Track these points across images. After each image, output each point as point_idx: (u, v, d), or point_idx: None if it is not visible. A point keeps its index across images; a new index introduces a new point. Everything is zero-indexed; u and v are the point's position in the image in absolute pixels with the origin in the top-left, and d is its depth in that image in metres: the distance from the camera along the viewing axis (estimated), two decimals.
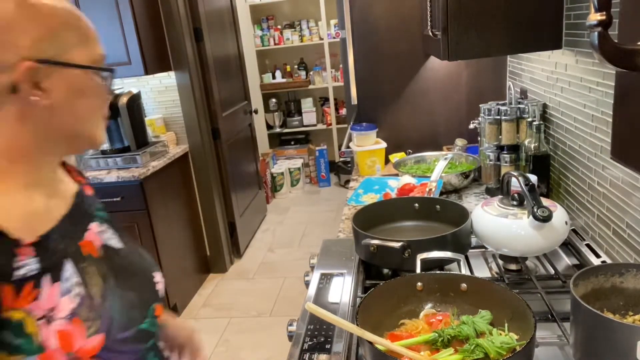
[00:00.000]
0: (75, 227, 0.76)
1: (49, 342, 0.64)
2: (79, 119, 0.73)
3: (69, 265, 0.70)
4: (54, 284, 0.67)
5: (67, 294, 0.68)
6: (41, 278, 0.65)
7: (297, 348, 1.00)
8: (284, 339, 1.11)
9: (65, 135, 0.72)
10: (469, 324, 0.88)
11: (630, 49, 0.62)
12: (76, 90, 0.71)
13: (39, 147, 0.71)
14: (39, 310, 0.64)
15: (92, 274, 0.73)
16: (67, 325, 0.66)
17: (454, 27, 1.38)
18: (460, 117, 2.25)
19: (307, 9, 5.02)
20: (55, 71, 0.68)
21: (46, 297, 0.65)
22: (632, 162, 0.73)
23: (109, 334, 0.69)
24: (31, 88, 0.66)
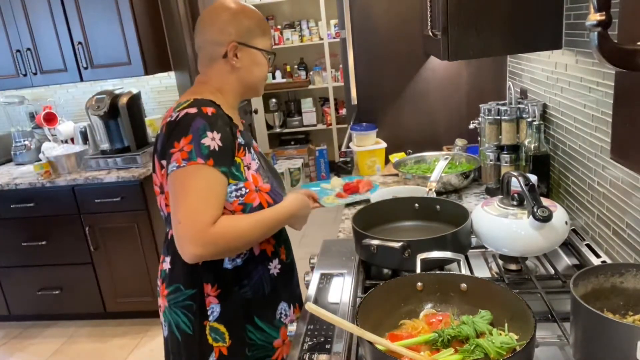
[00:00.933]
0: (248, 135, 1.29)
1: (249, 177, 1.18)
2: (254, 77, 1.26)
3: (252, 149, 1.25)
4: (248, 153, 1.21)
5: (253, 160, 1.22)
6: (245, 147, 1.21)
7: (297, 348, 1.00)
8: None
9: (246, 84, 1.25)
10: (469, 324, 0.88)
11: (630, 49, 0.62)
12: (255, 62, 1.24)
13: (236, 87, 1.25)
14: (246, 161, 1.19)
15: (260, 159, 1.27)
16: (255, 173, 1.21)
17: (454, 27, 1.38)
18: (460, 117, 2.25)
19: (307, 9, 5.02)
20: (246, 49, 1.21)
21: (247, 157, 1.20)
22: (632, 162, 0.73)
23: (272, 185, 1.25)
24: (233, 56, 1.20)
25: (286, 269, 1.34)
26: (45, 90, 3.49)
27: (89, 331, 3.14)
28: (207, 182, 1.08)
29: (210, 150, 1.08)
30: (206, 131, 1.09)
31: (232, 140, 1.14)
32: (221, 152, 1.10)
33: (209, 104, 1.14)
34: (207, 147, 1.08)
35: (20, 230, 3.02)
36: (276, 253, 1.30)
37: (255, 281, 1.24)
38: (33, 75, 3.11)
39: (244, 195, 1.16)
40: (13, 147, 3.38)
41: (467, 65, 2.22)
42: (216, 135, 1.10)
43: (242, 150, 1.19)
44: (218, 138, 1.10)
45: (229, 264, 1.21)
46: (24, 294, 3.16)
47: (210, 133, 1.09)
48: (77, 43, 2.99)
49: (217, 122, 1.11)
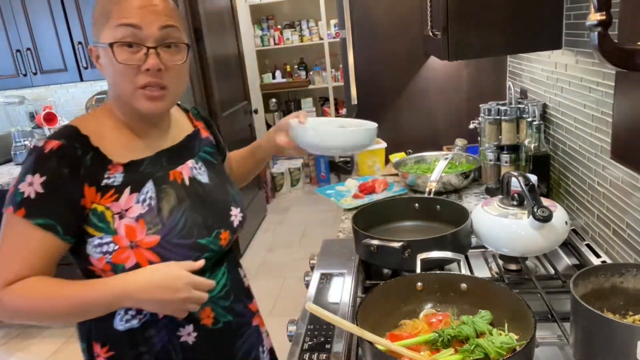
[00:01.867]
0: (172, 159, 1.01)
1: (120, 230, 0.90)
2: (113, 87, 0.94)
3: (150, 184, 0.95)
4: (132, 193, 0.93)
5: (140, 202, 0.93)
6: (123, 189, 0.92)
7: (297, 348, 1.00)
8: (284, 339, 1.10)
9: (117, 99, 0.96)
10: (469, 324, 0.88)
11: (630, 49, 0.62)
12: (106, 65, 0.91)
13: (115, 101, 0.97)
14: (116, 208, 0.91)
15: (168, 195, 0.96)
16: (133, 223, 0.91)
17: (454, 27, 1.38)
18: (460, 117, 2.25)
19: (307, 9, 5.01)
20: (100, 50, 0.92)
21: (124, 202, 0.92)
22: (632, 162, 0.73)
23: (165, 237, 0.92)
24: (96, 61, 0.94)
25: (213, 337, 1.02)
26: (45, 90, 3.49)
27: None
28: (11, 236, 0.87)
29: (24, 198, 0.85)
30: (27, 174, 0.86)
31: (70, 187, 0.87)
32: (40, 200, 0.85)
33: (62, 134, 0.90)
34: (21, 194, 0.85)
35: None
36: (192, 317, 0.98)
37: (159, 350, 0.98)
38: (33, 75, 3.11)
39: (112, 252, 0.90)
40: (13, 147, 3.38)
41: (467, 65, 2.22)
42: (37, 179, 0.85)
43: (109, 194, 0.91)
44: (39, 182, 0.85)
45: (120, 325, 0.96)
46: None
47: (30, 176, 0.86)
48: (77, 43, 2.99)
49: (47, 163, 0.86)
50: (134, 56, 0.88)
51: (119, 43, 0.88)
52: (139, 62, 0.88)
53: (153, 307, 0.92)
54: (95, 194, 0.90)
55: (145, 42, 0.89)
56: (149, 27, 0.88)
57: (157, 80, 0.90)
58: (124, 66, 0.88)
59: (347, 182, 1.87)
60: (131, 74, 0.89)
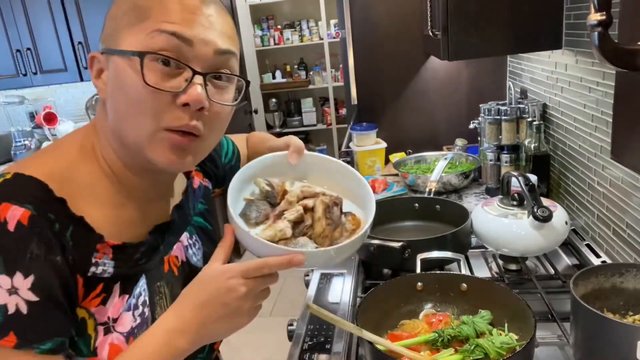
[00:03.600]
0: (166, 239, 0.71)
1: (102, 350, 0.61)
2: (120, 116, 0.61)
3: (143, 282, 0.66)
4: (122, 295, 0.63)
5: (131, 310, 0.64)
6: (113, 285, 0.62)
7: (297, 348, 1.00)
8: (284, 339, 1.10)
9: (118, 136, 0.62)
10: (469, 324, 0.88)
11: (630, 49, 0.62)
12: (116, 82, 0.59)
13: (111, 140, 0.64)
14: (102, 316, 0.61)
15: (163, 296, 0.69)
16: (121, 342, 0.62)
17: (454, 27, 1.38)
18: (460, 117, 2.25)
19: (307, 9, 5.01)
20: (109, 59, 0.61)
21: (112, 306, 0.62)
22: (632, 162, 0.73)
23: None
24: (95, 78, 0.63)
25: None
26: (45, 90, 3.49)
27: None
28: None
29: (7, 315, 0.52)
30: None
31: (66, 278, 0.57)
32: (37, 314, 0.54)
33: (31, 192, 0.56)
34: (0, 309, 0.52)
35: None
36: None
37: None
38: (33, 75, 3.11)
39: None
40: (13, 147, 3.38)
41: (467, 65, 2.22)
42: (22, 281, 0.53)
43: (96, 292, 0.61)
44: (27, 286, 0.53)
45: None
46: None
47: (5, 278, 0.52)
48: (77, 43, 2.99)
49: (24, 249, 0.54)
50: (170, 80, 0.59)
51: (154, 56, 0.58)
52: (176, 89, 0.59)
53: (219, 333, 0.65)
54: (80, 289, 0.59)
55: (192, 63, 0.60)
56: (203, 45, 0.60)
57: (194, 124, 0.61)
58: (151, 92, 0.58)
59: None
60: (157, 106, 0.59)
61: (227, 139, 1.00)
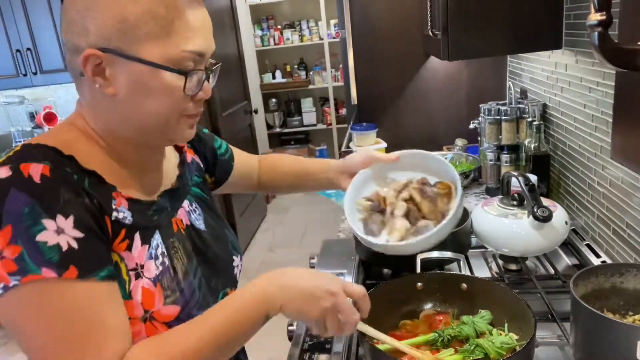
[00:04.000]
0: (172, 203, 0.80)
1: (136, 294, 0.67)
2: (147, 115, 0.69)
3: (158, 235, 0.74)
4: (143, 245, 0.71)
5: (153, 259, 0.71)
6: (134, 233, 0.70)
7: (297, 348, 1.01)
8: (284, 339, 1.10)
9: (136, 128, 0.71)
10: (469, 324, 0.88)
11: (630, 49, 0.62)
12: (139, 87, 0.67)
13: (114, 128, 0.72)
14: (131, 261, 0.68)
15: (178, 250, 0.76)
16: (151, 287, 0.69)
17: (454, 27, 1.38)
18: (460, 117, 2.25)
19: (307, 9, 5.01)
20: (119, 62, 0.66)
21: (136, 253, 0.69)
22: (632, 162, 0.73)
23: (184, 307, 0.72)
24: (93, 75, 0.66)
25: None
26: (45, 90, 3.49)
27: None
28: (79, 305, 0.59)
29: (62, 252, 0.58)
30: (39, 218, 0.58)
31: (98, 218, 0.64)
32: (86, 247, 0.61)
33: (43, 154, 0.63)
34: (53, 249, 0.58)
35: None
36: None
37: None
38: (33, 75, 3.11)
39: None
40: (13, 147, 3.38)
41: (467, 65, 2.22)
42: (64, 222, 0.59)
43: (120, 236, 0.68)
44: (70, 225, 0.60)
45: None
46: None
47: (49, 221, 0.58)
48: None
49: (58, 195, 0.60)
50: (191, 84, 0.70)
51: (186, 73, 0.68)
52: (195, 91, 0.71)
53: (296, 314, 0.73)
54: (113, 235, 0.67)
55: (202, 66, 0.72)
56: (209, 53, 0.72)
57: (202, 109, 0.76)
58: (182, 95, 0.69)
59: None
60: (182, 104, 0.70)
61: (221, 140, 1.08)
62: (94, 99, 0.70)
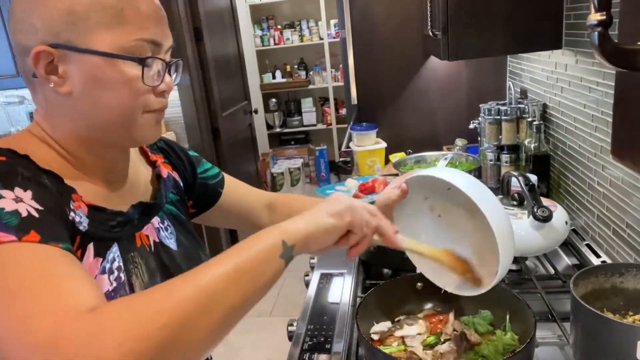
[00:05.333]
0: (139, 217, 0.75)
1: None
2: (107, 110, 0.66)
3: (116, 249, 0.69)
4: (95, 257, 0.66)
5: (107, 273, 0.66)
6: (87, 243, 0.65)
7: (297, 348, 1.01)
8: (284, 339, 1.10)
9: (96, 127, 0.68)
10: (470, 324, 0.88)
11: (630, 49, 0.62)
12: (95, 80, 0.64)
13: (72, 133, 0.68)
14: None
15: (138, 265, 0.72)
16: None
17: (454, 27, 1.38)
18: (460, 117, 2.25)
19: (307, 9, 5.01)
20: (72, 57, 0.63)
21: (87, 265, 0.64)
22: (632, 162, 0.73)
23: None
24: (46, 73, 0.63)
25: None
26: None
27: None
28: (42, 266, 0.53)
29: (22, 217, 0.55)
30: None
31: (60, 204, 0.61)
32: (47, 219, 0.57)
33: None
34: (12, 214, 0.54)
35: None
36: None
37: None
38: None
39: None
40: None
41: (467, 65, 2.22)
42: (22, 193, 0.57)
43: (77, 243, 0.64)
44: (29, 197, 0.57)
45: None
46: None
47: (6, 191, 0.56)
48: None
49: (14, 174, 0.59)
50: (150, 74, 0.68)
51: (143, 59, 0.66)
52: (156, 82, 0.69)
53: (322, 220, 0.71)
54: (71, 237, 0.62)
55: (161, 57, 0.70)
56: (166, 43, 0.71)
57: (167, 102, 0.72)
58: (142, 86, 0.66)
59: (347, 182, 1.87)
60: (143, 97, 0.68)
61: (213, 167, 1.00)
62: (50, 101, 0.67)
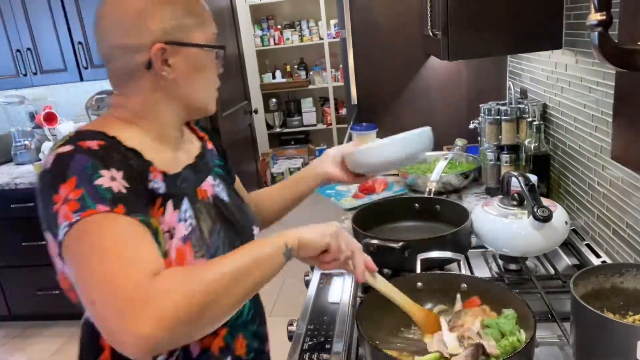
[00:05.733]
0: (195, 176, 0.92)
1: (171, 252, 0.80)
2: (197, 90, 0.88)
3: (186, 201, 0.86)
4: (174, 210, 0.83)
5: (182, 221, 0.84)
6: (167, 201, 0.82)
7: (297, 348, 1.01)
8: (284, 339, 1.11)
9: (185, 104, 0.88)
10: (493, 326, 0.86)
11: (630, 49, 0.62)
12: (195, 66, 0.86)
13: (170, 110, 0.88)
14: (165, 225, 0.81)
15: (203, 214, 0.89)
16: (181, 245, 0.81)
17: (454, 27, 1.38)
18: (460, 117, 2.25)
19: (307, 9, 5.02)
20: (179, 50, 0.83)
21: (168, 217, 0.82)
22: (632, 162, 0.73)
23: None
24: (161, 64, 0.82)
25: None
26: (45, 90, 3.49)
27: None
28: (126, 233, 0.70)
29: (114, 193, 0.71)
30: (97, 169, 0.73)
31: (143, 182, 0.79)
32: (131, 195, 0.73)
33: (92, 135, 0.78)
34: (107, 190, 0.71)
35: (20, 230, 3.02)
36: (228, 349, 0.92)
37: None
38: (33, 75, 3.11)
39: None
40: (13, 147, 3.38)
41: (467, 65, 2.22)
42: (116, 173, 0.74)
43: (157, 204, 0.81)
44: (120, 177, 0.74)
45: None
46: (24, 294, 3.15)
47: (105, 171, 0.73)
48: (77, 43, 2.98)
49: (112, 156, 0.76)
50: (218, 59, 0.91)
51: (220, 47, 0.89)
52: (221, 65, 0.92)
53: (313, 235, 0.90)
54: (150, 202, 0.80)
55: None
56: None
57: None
58: (215, 69, 0.90)
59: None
60: (216, 76, 0.92)
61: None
62: (156, 88, 0.85)
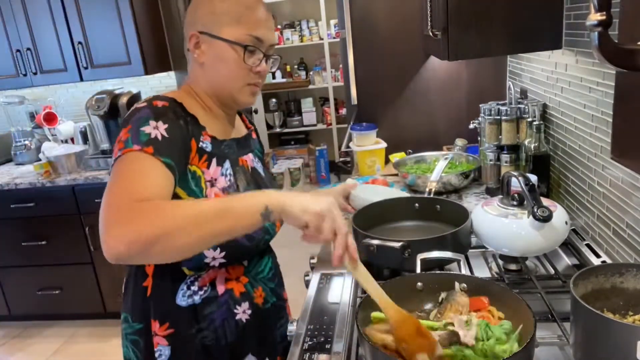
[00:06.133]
0: (238, 148, 1.13)
1: (210, 196, 1.00)
2: (220, 77, 1.06)
3: (228, 163, 1.07)
4: (217, 166, 1.04)
5: (223, 176, 1.04)
6: (212, 158, 1.03)
7: (297, 348, 1.01)
8: None
9: (213, 85, 1.07)
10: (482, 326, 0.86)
11: (630, 49, 0.62)
12: (218, 56, 1.04)
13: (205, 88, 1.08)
14: (207, 175, 1.02)
15: (240, 175, 1.09)
16: (220, 193, 1.02)
17: (454, 27, 1.38)
18: (460, 117, 2.25)
19: (307, 9, 5.02)
20: (209, 40, 1.03)
21: (212, 170, 1.03)
22: (632, 162, 0.73)
23: None
24: (194, 48, 1.05)
25: (262, 316, 1.13)
26: (45, 90, 3.49)
27: (89, 331, 3.14)
28: (142, 167, 0.88)
29: (150, 138, 0.91)
30: (149, 120, 0.93)
31: (185, 138, 0.98)
32: (165, 142, 0.92)
33: (164, 99, 1.00)
34: (146, 135, 0.91)
35: (20, 230, 3.02)
36: (248, 295, 1.10)
37: (217, 326, 1.06)
38: (33, 75, 3.11)
39: None
40: (13, 147, 3.38)
41: (467, 65, 2.22)
42: (161, 125, 0.93)
43: (203, 159, 1.02)
44: (163, 128, 0.93)
45: (182, 300, 1.03)
46: (24, 294, 3.16)
47: (153, 122, 0.93)
48: (77, 43, 2.98)
49: (166, 114, 0.96)
50: (251, 59, 1.04)
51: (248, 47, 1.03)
52: (254, 64, 1.05)
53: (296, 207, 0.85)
54: (195, 154, 1.00)
55: (262, 49, 1.05)
56: (267, 42, 1.06)
57: (260, 81, 1.08)
58: (243, 64, 1.03)
59: (347, 182, 1.88)
60: (246, 73, 1.05)
61: None
62: (193, 68, 1.08)
